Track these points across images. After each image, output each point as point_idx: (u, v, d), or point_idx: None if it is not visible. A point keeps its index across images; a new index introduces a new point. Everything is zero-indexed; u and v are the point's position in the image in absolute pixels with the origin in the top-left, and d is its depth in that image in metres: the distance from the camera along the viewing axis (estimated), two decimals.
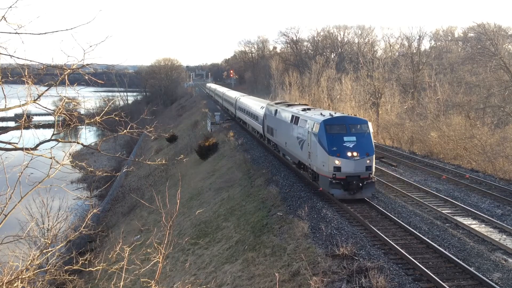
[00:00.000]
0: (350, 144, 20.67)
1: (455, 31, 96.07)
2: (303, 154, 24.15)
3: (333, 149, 20.64)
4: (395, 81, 58.35)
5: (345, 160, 20.49)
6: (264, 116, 35.83)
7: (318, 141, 21.45)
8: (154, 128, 8.84)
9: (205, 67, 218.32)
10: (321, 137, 21.22)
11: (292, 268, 15.12)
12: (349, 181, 20.57)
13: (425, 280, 13.36)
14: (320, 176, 21.82)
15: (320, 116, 22.75)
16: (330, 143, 20.74)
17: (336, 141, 20.77)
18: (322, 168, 21.25)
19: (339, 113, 25.13)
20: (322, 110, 27.28)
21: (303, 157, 24.28)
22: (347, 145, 20.65)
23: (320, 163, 21.45)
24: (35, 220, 13.86)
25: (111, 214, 42.10)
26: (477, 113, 42.37)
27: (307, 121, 23.57)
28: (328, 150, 20.70)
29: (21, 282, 7.27)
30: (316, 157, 21.91)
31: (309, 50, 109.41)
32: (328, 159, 20.74)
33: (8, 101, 7.68)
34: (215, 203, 27.48)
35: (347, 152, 20.52)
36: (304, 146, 23.82)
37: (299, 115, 25.55)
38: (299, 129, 24.87)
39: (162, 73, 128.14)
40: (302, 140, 24.26)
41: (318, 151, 21.54)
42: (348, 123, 21.53)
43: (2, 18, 6.40)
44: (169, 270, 20.32)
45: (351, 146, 20.62)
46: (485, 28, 48.89)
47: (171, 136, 55.81)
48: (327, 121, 21.46)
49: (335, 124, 21.44)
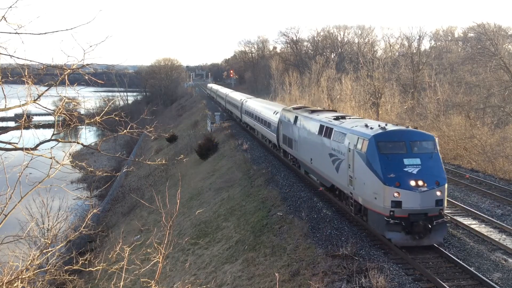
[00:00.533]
0: (413, 169, 15.43)
1: (455, 31, 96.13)
2: (340, 178, 18.92)
3: (390, 176, 15.27)
4: (395, 81, 58.37)
5: (408, 192, 15.05)
6: (279, 123, 30.94)
7: (367, 164, 16.18)
8: (154, 128, 8.84)
9: (205, 67, 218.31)
10: (372, 158, 15.97)
11: (292, 268, 15.13)
12: (413, 221, 15.07)
13: (425, 280, 13.37)
14: (369, 211, 16.42)
15: (366, 128, 17.43)
16: (386, 168, 15.44)
17: (393, 164, 15.53)
18: (373, 202, 15.85)
19: (390, 124, 18.81)
20: (362, 119, 22.28)
21: (340, 182, 18.99)
22: (409, 170, 15.40)
23: (369, 194, 16.13)
24: (35, 220, 13.87)
25: (111, 214, 42.10)
26: (477, 113, 42.36)
27: (346, 134, 18.36)
28: (383, 178, 15.30)
29: (21, 282, 7.27)
30: (362, 186, 16.63)
31: (309, 50, 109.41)
32: (382, 189, 15.29)
33: (8, 101, 7.68)
34: (215, 203, 27.48)
35: (410, 181, 15.16)
36: (342, 167, 18.59)
37: (331, 126, 20.35)
38: (332, 143, 19.73)
39: (162, 73, 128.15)
40: (338, 159, 19.07)
41: (367, 177, 16.24)
42: (409, 139, 16.20)
43: (2, 18, 6.40)
44: (169, 270, 20.33)
45: (415, 172, 15.37)
46: (485, 28, 48.91)
47: (171, 136, 55.82)
48: (379, 137, 16.18)
49: (391, 141, 16.21)
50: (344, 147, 18.31)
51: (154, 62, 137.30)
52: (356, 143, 17.15)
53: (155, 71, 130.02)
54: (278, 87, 75.91)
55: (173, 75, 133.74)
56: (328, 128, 20.63)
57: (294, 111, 27.49)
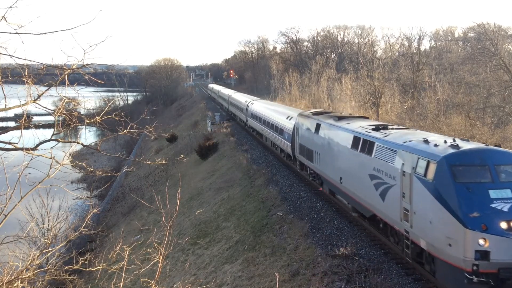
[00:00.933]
0: (503, 205, 11.29)
1: (455, 31, 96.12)
2: (388, 209, 14.73)
3: (473, 215, 11.18)
4: (395, 81, 58.35)
5: (498, 239, 11.02)
6: (295, 131, 27.19)
7: (436, 196, 12.06)
8: (154, 128, 8.84)
9: (205, 67, 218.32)
10: (443, 188, 11.88)
11: (292, 268, 15.14)
12: (504, 278, 11.12)
13: (425, 280, 13.36)
14: (438, 261, 12.25)
15: (429, 145, 13.32)
16: (466, 203, 11.38)
17: (476, 198, 11.46)
18: (446, 250, 11.73)
19: (459, 139, 14.01)
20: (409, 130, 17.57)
21: (388, 213, 14.79)
22: (498, 206, 11.29)
23: (439, 238, 12.01)
24: (35, 220, 13.88)
25: (111, 214, 42.11)
26: (477, 113, 42.34)
27: (397, 151, 14.18)
28: (463, 218, 11.21)
29: (21, 282, 7.27)
30: (427, 225, 12.47)
31: (309, 50, 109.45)
32: (462, 234, 11.22)
33: (8, 101, 7.69)
34: (215, 203, 27.49)
35: (500, 222, 11.11)
36: (391, 195, 14.37)
37: (372, 139, 16.09)
38: (375, 162, 15.53)
39: (162, 73, 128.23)
40: (384, 183, 14.78)
41: (435, 214, 12.13)
42: (494, 162, 12.05)
43: (2, 18, 6.40)
44: (169, 270, 20.33)
45: (507, 209, 11.24)
46: (485, 28, 48.90)
47: (171, 136, 55.82)
48: (453, 159, 12.11)
49: (471, 165, 12.10)
50: (394, 169, 14.10)
51: (154, 62, 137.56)
52: (415, 165, 13.03)
53: (155, 71, 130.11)
54: (278, 87, 75.99)
55: (173, 75, 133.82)
56: (367, 141, 16.38)
57: (315, 117, 23.42)
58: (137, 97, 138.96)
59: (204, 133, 50.99)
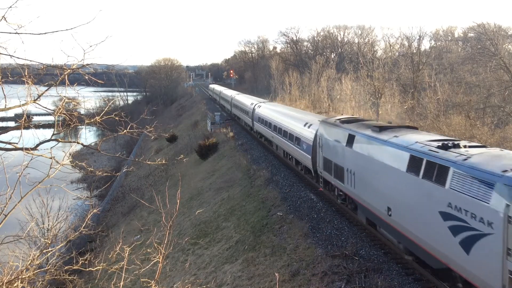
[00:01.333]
0: None
1: (455, 31, 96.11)
2: (479, 267, 10.30)
3: None
4: (395, 81, 58.35)
5: None
6: (316, 141, 23.00)
7: None
8: (154, 128, 8.84)
9: (205, 67, 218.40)
10: None
11: (292, 268, 15.13)
12: None
13: (425, 280, 13.37)
14: None
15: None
16: None
17: None
18: None
19: None
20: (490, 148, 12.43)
21: (479, 273, 10.33)
22: None
23: None
24: (35, 220, 13.86)
25: (111, 214, 42.12)
26: (477, 113, 42.35)
27: (494, 184, 9.91)
28: None
29: (21, 282, 7.27)
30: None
31: (309, 50, 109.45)
32: None
33: (8, 101, 7.68)
34: (215, 203, 27.49)
35: None
36: (482, 246, 10.11)
37: (444, 162, 11.78)
38: (451, 196, 11.13)
39: (162, 73, 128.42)
40: (471, 229, 10.44)
41: None
42: None
43: (2, 18, 6.40)
44: (169, 270, 20.33)
45: None
46: (485, 28, 48.91)
47: (171, 136, 55.86)
48: None
49: None
50: (489, 211, 9.83)
51: (154, 62, 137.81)
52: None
53: (155, 71, 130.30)
54: (278, 87, 76.02)
55: (173, 75, 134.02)
56: (436, 165, 12.03)
57: (345, 127, 19.10)
58: (137, 97, 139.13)
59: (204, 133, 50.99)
